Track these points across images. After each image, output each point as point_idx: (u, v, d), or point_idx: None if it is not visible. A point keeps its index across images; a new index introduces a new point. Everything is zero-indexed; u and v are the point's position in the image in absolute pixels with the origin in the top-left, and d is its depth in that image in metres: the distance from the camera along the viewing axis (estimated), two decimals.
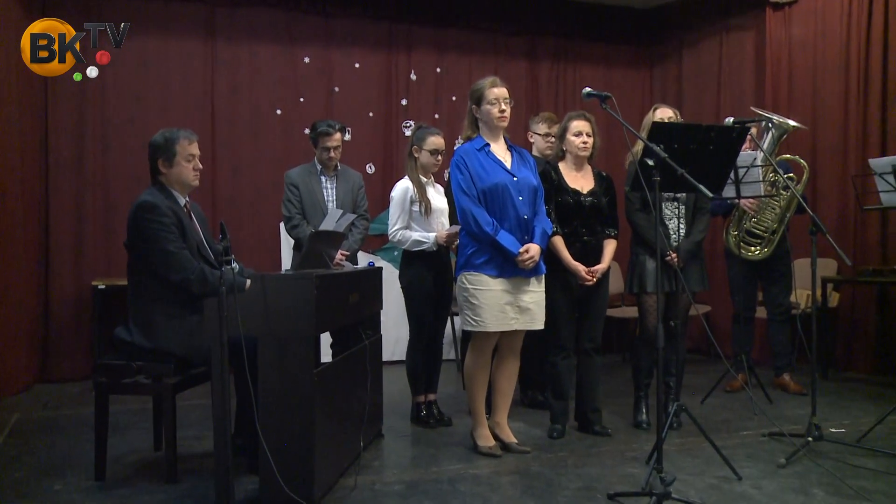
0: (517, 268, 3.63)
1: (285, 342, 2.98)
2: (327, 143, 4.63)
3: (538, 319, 3.75)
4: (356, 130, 6.70)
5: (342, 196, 4.70)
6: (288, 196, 4.65)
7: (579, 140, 4.05)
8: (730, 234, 5.07)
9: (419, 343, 4.37)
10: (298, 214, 4.61)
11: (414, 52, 6.93)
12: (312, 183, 4.66)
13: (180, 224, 3.31)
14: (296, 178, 4.67)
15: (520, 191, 3.67)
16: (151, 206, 3.27)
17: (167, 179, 3.42)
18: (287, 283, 3.04)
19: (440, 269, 4.37)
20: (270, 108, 6.51)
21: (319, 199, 4.64)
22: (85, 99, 6.01)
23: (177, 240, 3.27)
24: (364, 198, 4.84)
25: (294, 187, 4.64)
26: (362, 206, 4.81)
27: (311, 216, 4.60)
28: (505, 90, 3.72)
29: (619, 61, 7.63)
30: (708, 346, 6.73)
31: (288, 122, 6.51)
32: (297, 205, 4.62)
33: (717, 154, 3.51)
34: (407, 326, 4.42)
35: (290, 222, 4.62)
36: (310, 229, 4.46)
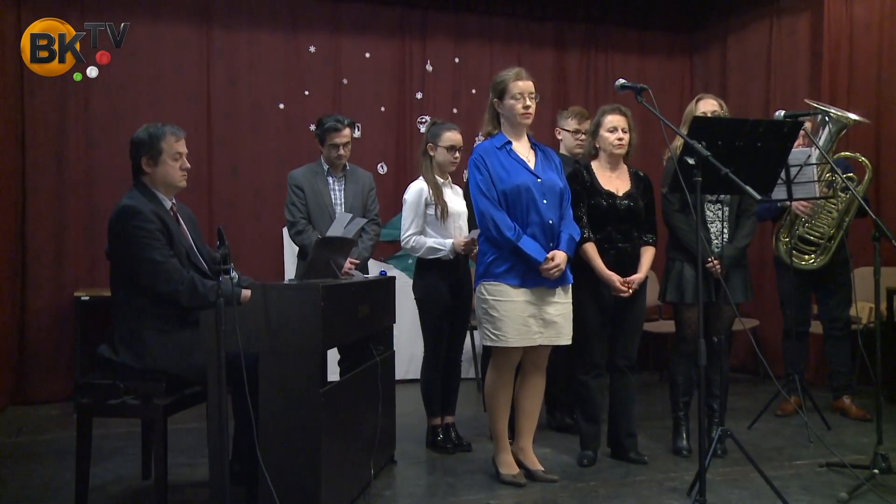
0: (541, 277, 3.64)
1: (289, 359, 3.00)
2: (336, 139, 4.65)
3: (565, 334, 3.75)
4: (366, 126, 6.73)
5: (351, 198, 4.72)
6: (292, 199, 4.67)
7: (614, 136, 4.05)
8: (780, 241, 5.05)
9: (435, 360, 4.37)
10: (303, 219, 4.63)
11: (429, 40, 6.96)
12: (318, 184, 4.68)
13: (167, 230, 3.31)
14: (300, 179, 4.69)
15: (544, 193, 3.68)
16: (134, 211, 3.26)
17: (151, 180, 3.42)
18: (291, 295, 3.06)
19: (458, 278, 4.37)
20: (272, 102, 6.55)
21: (326, 202, 4.66)
22: (66, 90, 5.98)
23: (163, 247, 3.25)
24: (375, 200, 4.86)
25: (298, 189, 4.66)
26: (373, 210, 4.83)
27: (318, 221, 4.62)
28: (531, 84, 3.73)
29: (656, 49, 7.62)
30: (756, 365, 6.69)
31: (291, 117, 6.55)
32: (301, 208, 4.64)
33: (767, 152, 3.51)
34: (422, 342, 4.43)
35: (294, 227, 4.64)
36: (316, 235, 4.48)
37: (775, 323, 5.94)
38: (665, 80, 7.54)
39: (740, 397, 5.68)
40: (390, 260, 6.61)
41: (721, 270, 4.07)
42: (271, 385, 3.00)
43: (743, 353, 6.91)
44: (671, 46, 7.68)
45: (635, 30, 7.54)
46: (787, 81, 6.79)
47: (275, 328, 3.01)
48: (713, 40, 7.54)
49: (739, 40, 7.28)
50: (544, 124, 5.89)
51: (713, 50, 7.54)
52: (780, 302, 5.28)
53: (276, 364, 3.00)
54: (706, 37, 7.62)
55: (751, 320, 6.30)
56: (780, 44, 6.87)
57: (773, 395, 5.13)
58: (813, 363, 5.93)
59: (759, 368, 6.56)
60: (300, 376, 2.99)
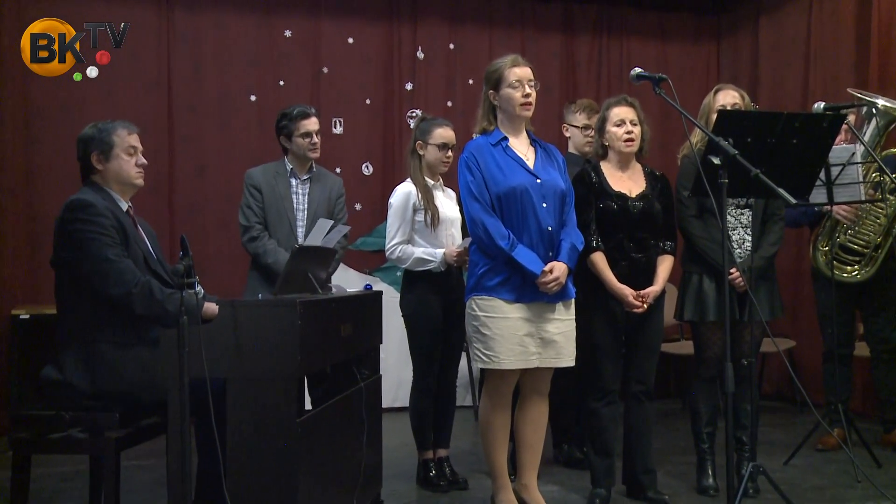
0: (539, 291, 3.67)
1: (261, 384, 3.01)
2: (308, 126, 4.59)
3: (566, 354, 3.78)
4: (350, 121, 6.77)
5: (316, 204, 4.66)
6: (247, 200, 4.62)
7: (622, 131, 4.08)
8: (819, 251, 5.05)
9: (427, 385, 4.40)
10: (259, 224, 4.58)
11: (421, 23, 7.00)
12: (280, 186, 4.63)
13: (122, 229, 3.31)
14: (258, 179, 4.64)
15: (544, 196, 3.72)
16: (84, 203, 3.26)
17: (104, 178, 3.44)
18: (264, 312, 3.07)
19: (451, 293, 4.41)
20: (243, 93, 6.58)
21: (287, 207, 4.61)
22: (1, 78, 5.93)
23: (116, 245, 3.25)
24: (343, 208, 4.83)
25: (255, 190, 4.62)
26: (341, 219, 4.77)
27: (275, 228, 4.58)
28: (529, 70, 3.77)
29: (677, 33, 7.66)
30: (792, 392, 6.70)
31: (265, 110, 6.56)
32: (258, 212, 4.59)
33: (804, 150, 3.53)
34: (411, 365, 4.46)
35: (248, 233, 4.58)
36: (272, 244, 4.49)
37: (814, 344, 5.94)
38: (688, 69, 7.59)
39: (774, 429, 5.70)
40: (376, 272, 6.63)
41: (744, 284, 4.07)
42: (241, 415, 3.01)
43: (777, 378, 6.93)
44: (695, 30, 7.73)
45: (654, 11, 7.58)
46: (829, 69, 6.70)
47: (245, 350, 3.02)
48: (743, 23, 7.55)
49: (773, 22, 7.26)
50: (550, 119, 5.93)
51: (743, 34, 7.56)
52: (820, 320, 5.26)
53: (247, 390, 3.02)
54: (735, 19, 7.64)
55: (786, 341, 6.32)
56: (821, 26, 6.79)
57: (812, 426, 5.10)
58: (859, 390, 5.92)
59: (796, 396, 6.58)
60: (274, 404, 3.01)
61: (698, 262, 4.23)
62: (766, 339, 4.76)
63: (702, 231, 4.19)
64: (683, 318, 4.31)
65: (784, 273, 6.23)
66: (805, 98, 6.75)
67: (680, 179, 4.27)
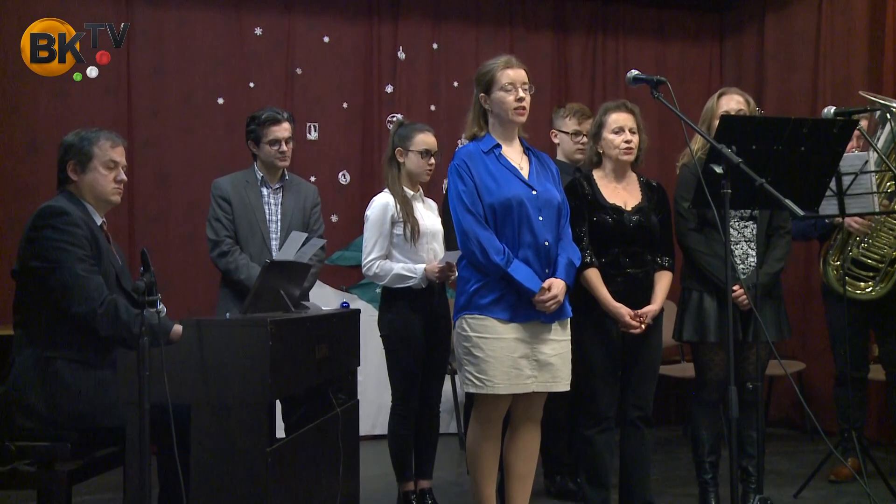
0: (535, 310, 3.67)
1: (229, 411, 3.01)
2: (277, 132, 4.59)
3: (562, 378, 3.78)
4: (325, 126, 6.77)
5: (290, 214, 4.67)
6: (215, 213, 4.62)
7: (620, 139, 4.11)
8: (829, 265, 5.04)
9: (407, 411, 4.40)
10: (229, 238, 4.58)
11: (402, 21, 7.02)
12: (250, 196, 4.63)
13: (95, 242, 3.33)
14: (227, 189, 4.64)
15: (540, 208, 3.72)
16: (58, 211, 3.29)
17: (78, 190, 3.47)
18: (232, 332, 3.07)
19: (433, 311, 4.42)
20: (209, 95, 6.57)
21: (258, 219, 4.62)
22: None
23: (88, 259, 3.27)
24: (319, 219, 4.84)
25: (224, 201, 4.62)
26: (317, 230, 4.78)
27: (247, 241, 4.58)
28: (522, 72, 3.79)
29: (677, 32, 7.69)
30: (802, 418, 6.72)
31: (233, 114, 6.54)
32: (227, 225, 4.60)
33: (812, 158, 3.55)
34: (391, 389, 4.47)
35: (218, 248, 4.57)
36: (243, 259, 4.49)
37: (825, 366, 5.97)
38: (688, 71, 7.62)
39: (783, 458, 5.72)
40: (353, 289, 6.63)
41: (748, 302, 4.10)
42: (206, 443, 3.01)
43: (785, 403, 6.95)
44: (696, 29, 7.76)
45: (652, 8, 7.61)
46: (840, 71, 6.69)
47: (211, 373, 3.02)
48: (748, 21, 7.57)
49: (780, 21, 7.26)
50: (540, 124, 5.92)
51: (748, 33, 7.57)
52: (831, 340, 5.25)
53: (213, 417, 3.01)
54: (739, 17, 7.66)
55: (795, 363, 6.34)
56: (832, 24, 6.76)
57: (824, 455, 5.11)
58: (874, 416, 5.94)
59: (806, 423, 6.59)
60: (243, 432, 3.00)
61: (698, 279, 4.25)
62: (773, 362, 4.77)
63: (703, 245, 4.21)
64: (682, 339, 4.34)
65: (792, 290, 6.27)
66: (814, 102, 6.74)
67: (678, 190, 4.30)
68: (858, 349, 5.15)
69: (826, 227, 5.08)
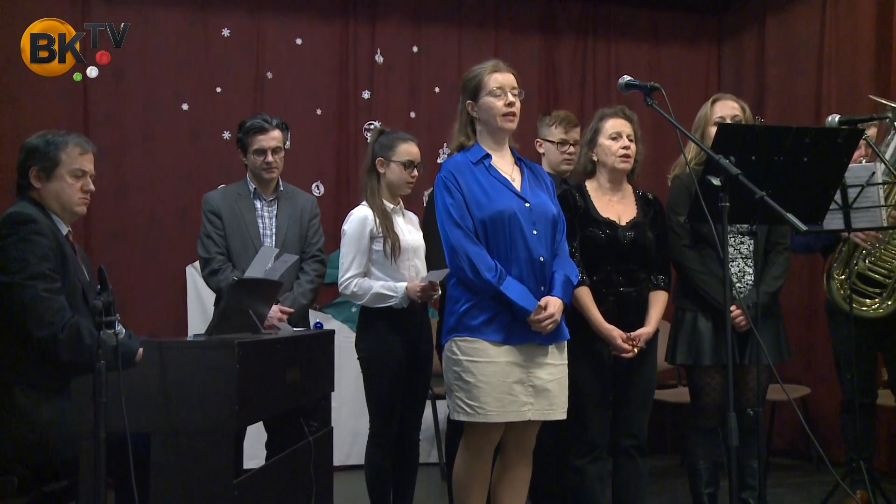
0: (531, 331, 3.67)
1: (192, 440, 3.00)
2: (262, 142, 4.61)
3: (559, 405, 3.77)
4: (298, 134, 6.74)
5: (285, 228, 4.70)
6: (206, 229, 4.64)
7: (617, 145, 4.13)
8: (834, 280, 5.02)
9: (385, 440, 4.38)
10: (221, 255, 4.59)
11: (380, 22, 7.03)
12: (242, 210, 4.66)
13: (62, 254, 3.31)
14: (218, 204, 4.66)
15: (534, 222, 3.73)
16: (25, 218, 3.27)
17: (41, 197, 3.44)
18: (196, 355, 3.07)
19: (414, 333, 4.41)
20: (173, 100, 6.56)
21: (252, 234, 4.64)
22: None
23: (51, 274, 3.25)
24: (318, 231, 4.85)
25: (215, 216, 4.64)
26: (316, 243, 4.81)
27: (240, 257, 4.59)
28: (511, 76, 3.80)
29: (672, 35, 7.74)
30: (807, 447, 6.73)
31: (198, 120, 6.56)
32: (219, 241, 4.61)
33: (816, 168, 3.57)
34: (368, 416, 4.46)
35: (209, 266, 4.59)
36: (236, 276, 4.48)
37: (831, 391, 5.99)
38: (685, 76, 7.66)
39: (786, 490, 5.73)
40: (328, 308, 6.62)
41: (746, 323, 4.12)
42: (168, 475, 3.00)
43: (789, 430, 6.97)
44: (693, 31, 7.81)
45: (646, 9, 7.66)
46: (845, 76, 6.70)
47: (174, 399, 3.02)
48: (747, 23, 7.61)
49: (782, 23, 7.30)
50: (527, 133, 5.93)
51: (747, 36, 7.61)
52: (836, 363, 5.26)
53: (176, 447, 3.00)
54: (738, 19, 7.71)
55: (799, 387, 6.36)
56: (836, 27, 6.78)
57: (830, 487, 5.10)
58: (884, 445, 5.94)
59: (811, 452, 6.61)
60: (207, 463, 3.00)
61: (692, 299, 4.27)
62: (775, 386, 4.79)
63: (697, 263, 4.23)
64: (675, 362, 4.35)
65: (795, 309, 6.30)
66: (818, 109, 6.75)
67: (670, 204, 4.32)
68: (866, 372, 5.12)
69: (830, 238, 5.08)
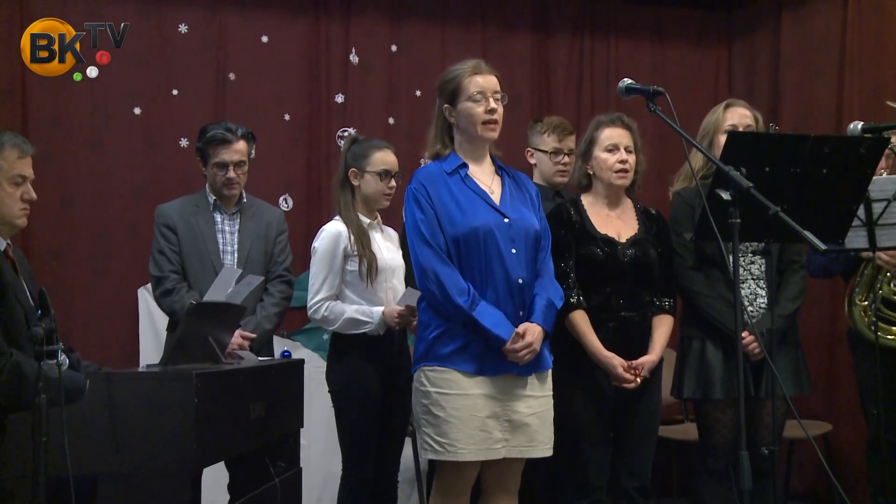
0: (507, 361, 3.67)
1: (145, 483, 2.99)
2: (223, 155, 4.63)
3: (541, 441, 3.78)
4: (264, 142, 6.68)
5: (249, 244, 4.71)
6: (159, 244, 4.64)
7: (614, 159, 4.15)
8: (856, 306, 5.03)
9: (360, 482, 4.38)
10: (175, 273, 4.60)
11: (356, 19, 7.03)
12: (200, 224, 4.66)
13: None
14: (173, 217, 4.66)
15: (513, 239, 3.74)
16: None
17: None
18: (149, 387, 3.06)
19: (392, 362, 4.43)
20: (124, 104, 6.54)
21: (211, 250, 4.64)
22: None
23: None
24: (286, 249, 4.86)
25: (169, 230, 4.64)
26: (282, 262, 4.81)
27: (196, 277, 4.60)
28: (494, 79, 3.82)
29: (678, 34, 7.75)
30: (828, 490, 6.74)
31: (153, 126, 6.53)
32: (173, 259, 4.61)
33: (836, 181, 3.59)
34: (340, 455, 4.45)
35: (161, 286, 4.59)
36: (191, 297, 4.47)
37: (856, 428, 6.00)
38: (691, 79, 7.66)
39: None
40: (297, 335, 6.60)
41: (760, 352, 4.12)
42: None
43: (809, 471, 6.96)
44: (700, 29, 7.82)
45: (649, 6, 7.66)
46: (869, 79, 6.67)
47: (124, 438, 3.00)
48: (761, 20, 7.61)
49: (799, 20, 7.25)
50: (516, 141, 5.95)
51: (761, 34, 7.61)
52: (861, 397, 5.26)
53: (126, 492, 2.99)
54: (750, 15, 7.71)
55: (819, 423, 6.34)
56: (860, 24, 6.74)
57: None
58: None
59: (834, 495, 6.61)
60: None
61: (699, 325, 4.28)
62: (792, 422, 4.77)
63: (704, 286, 4.24)
64: (683, 396, 4.35)
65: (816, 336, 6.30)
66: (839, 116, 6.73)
67: (672, 222, 4.34)
68: (894, 408, 5.18)
69: (851, 259, 5.09)
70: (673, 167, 6.45)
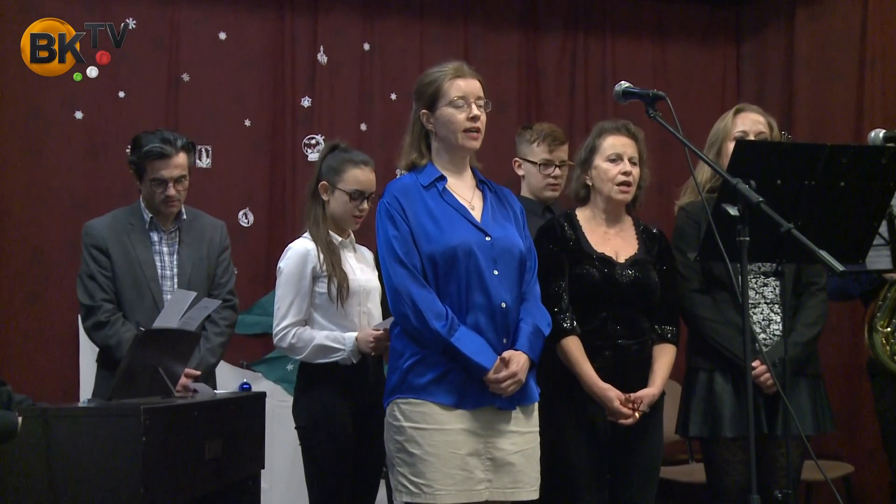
0: (489, 392, 3.68)
1: None
2: (161, 171, 4.58)
3: (526, 483, 3.77)
4: (221, 150, 6.74)
5: (189, 267, 4.70)
6: (89, 268, 4.61)
7: (616, 169, 4.16)
8: (877, 333, 5.05)
9: None
10: (108, 302, 4.57)
11: (324, 14, 7.04)
12: (136, 246, 4.64)
13: None
14: (104, 237, 4.63)
15: (495, 259, 3.75)
16: None
17: None
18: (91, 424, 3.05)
19: (366, 395, 4.42)
20: (64, 108, 6.53)
21: (147, 275, 4.62)
22: None
23: None
24: (229, 268, 4.84)
25: (100, 252, 4.61)
26: (225, 284, 4.80)
27: (133, 307, 4.58)
28: (477, 83, 3.83)
29: (682, 32, 7.80)
30: None
31: (96, 132, 6.52)
32: (105, 285, 4.58)
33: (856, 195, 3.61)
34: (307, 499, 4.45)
35: (93, 317, 4.56)
36: (129, 330, 4.46)
37: (878, 469, 6.03)
38: (696, 82, 7.71)
39: None
40: (258, 365, 6.59)
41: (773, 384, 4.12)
42: None
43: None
44: (706, 27, 7.87)
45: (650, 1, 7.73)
46: (892, 81, 6.70)
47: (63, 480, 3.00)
48: (773, 17, 7.64)
49: (815, 17, 7.27)
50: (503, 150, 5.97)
51: (773, 32, 7.65)
52: (883, 435, 5.29)
53: None
54: (761, 12, 7.75)
55: (839, 464, 6.36)
56: (882, 20, 6.76)
57: None
58: None
59: None
60: None
61: (706, 355, 4.30)
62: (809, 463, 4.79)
63: (710, 311, 4.26)
64: (689, 434, 4.36)
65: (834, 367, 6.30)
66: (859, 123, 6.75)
67: (675, 241, 4.36)
68: None
69: (873, 281, 5.10)
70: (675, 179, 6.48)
